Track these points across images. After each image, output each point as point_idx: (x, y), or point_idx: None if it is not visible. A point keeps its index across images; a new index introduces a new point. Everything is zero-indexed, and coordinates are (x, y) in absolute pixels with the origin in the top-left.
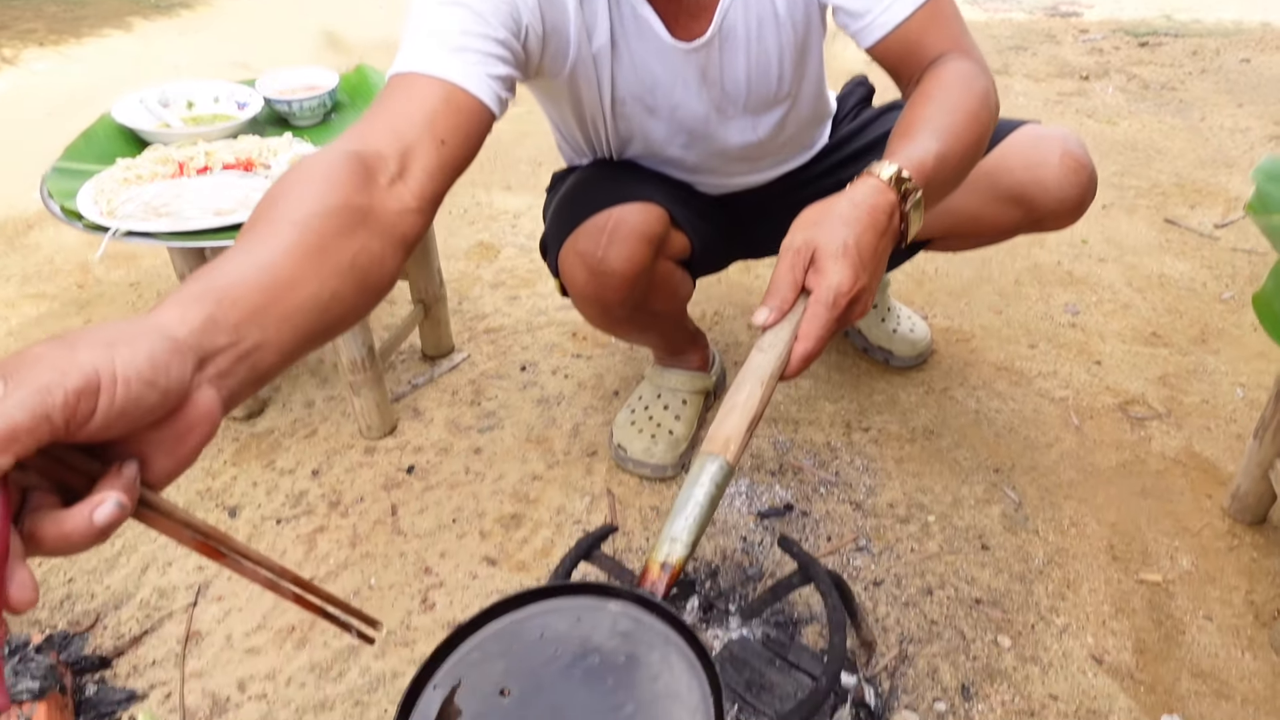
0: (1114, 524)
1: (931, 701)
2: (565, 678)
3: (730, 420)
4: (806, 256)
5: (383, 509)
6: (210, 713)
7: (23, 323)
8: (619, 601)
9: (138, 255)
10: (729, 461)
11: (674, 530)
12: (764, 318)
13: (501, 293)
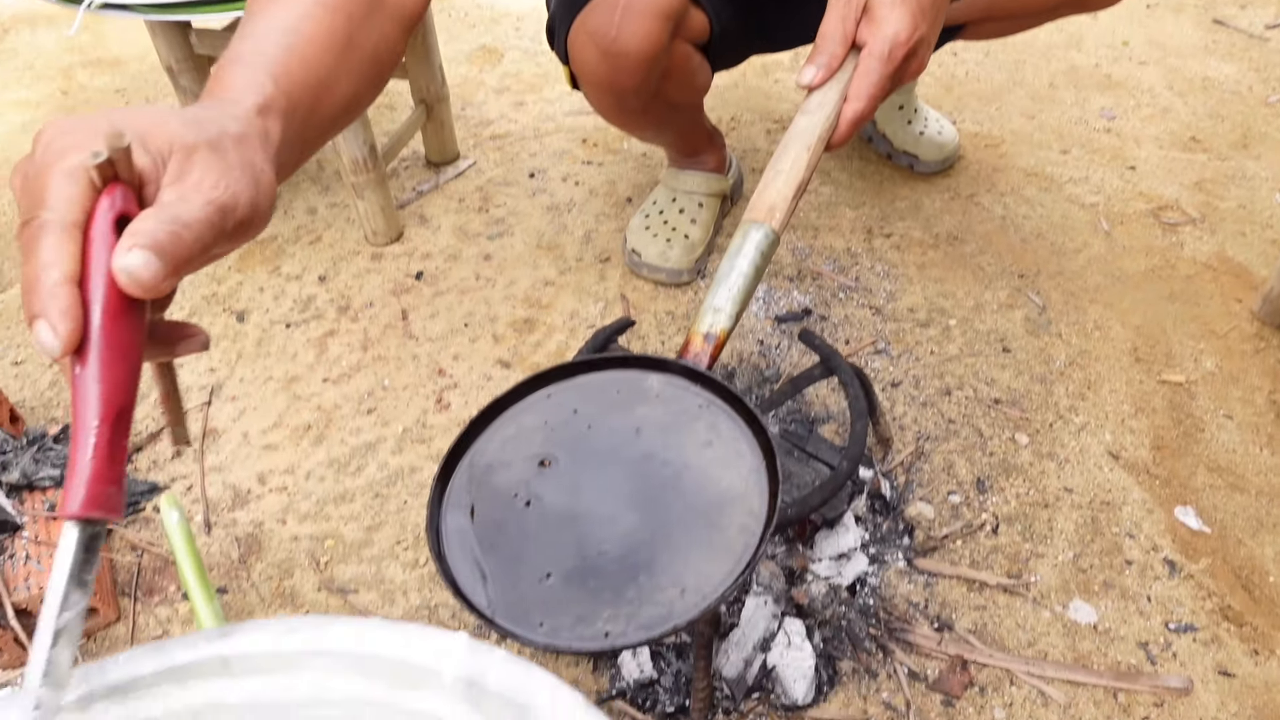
0: (1139, 327)
1: (946, 494)
2: (608, 448)
3: (774, 186)
4: (859, 5)
5: (393, 314)
6: (232, 504)
7: (8, 130)
8: (661, 374)
9: (122, 61)
10: (774, 229)
11: (716, 300)
12: (810, 77)
13: (507, 98)
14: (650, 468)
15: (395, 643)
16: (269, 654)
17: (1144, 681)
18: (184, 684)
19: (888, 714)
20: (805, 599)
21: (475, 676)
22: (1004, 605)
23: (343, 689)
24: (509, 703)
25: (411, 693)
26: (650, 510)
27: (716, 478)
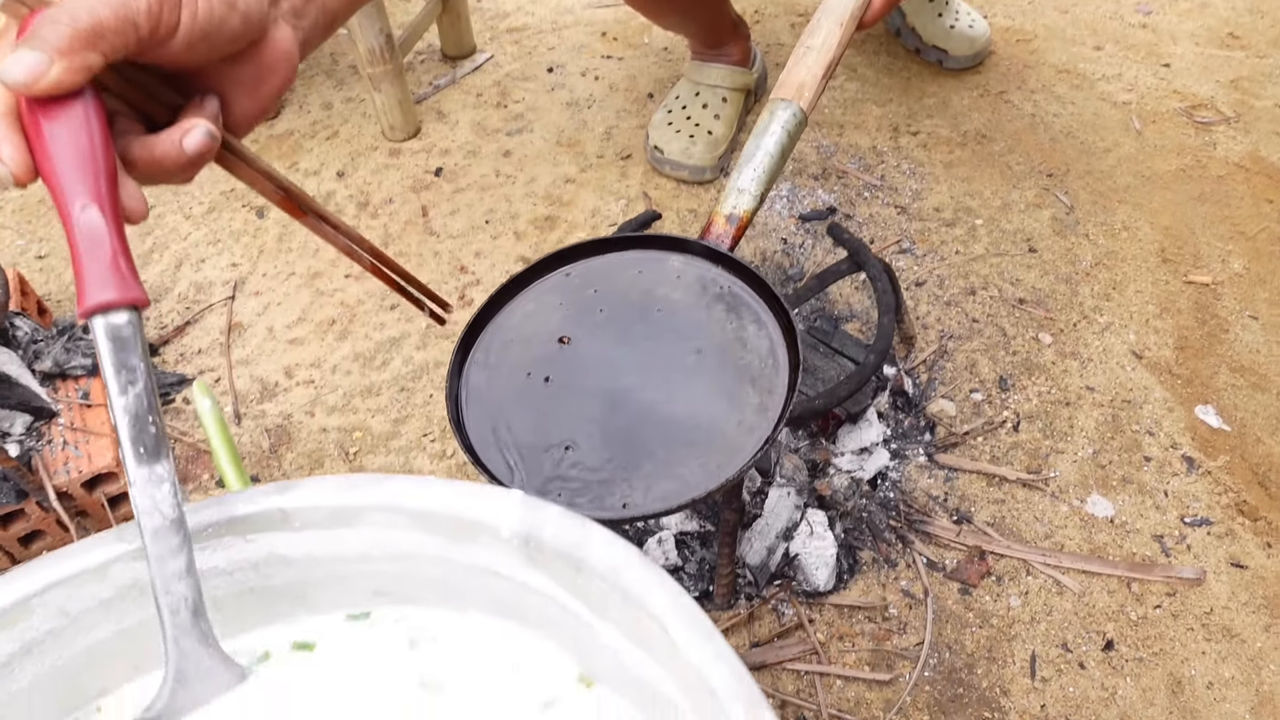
0: (1167, 228)
1: (968, 392)
2: (628, 326)
3: (804, 64)
4: None
5: (413, 210)
6: (261, 396)
7: None
8: (682, 254)
9: None
10: (803, 108)
11: (741, 181)
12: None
13: None
14: (670, 346)
15: (452, 499)
16: (328, 508)
17: (1158, 572)
18: (245, 536)
19: (906, 601)
20: (828, 491)
21: (531, 531)
22: (1022, 499)
23: (399, 544)
24: (564, 556)
25: (467, 547)
26: (669, 388)
27: (736, 357)
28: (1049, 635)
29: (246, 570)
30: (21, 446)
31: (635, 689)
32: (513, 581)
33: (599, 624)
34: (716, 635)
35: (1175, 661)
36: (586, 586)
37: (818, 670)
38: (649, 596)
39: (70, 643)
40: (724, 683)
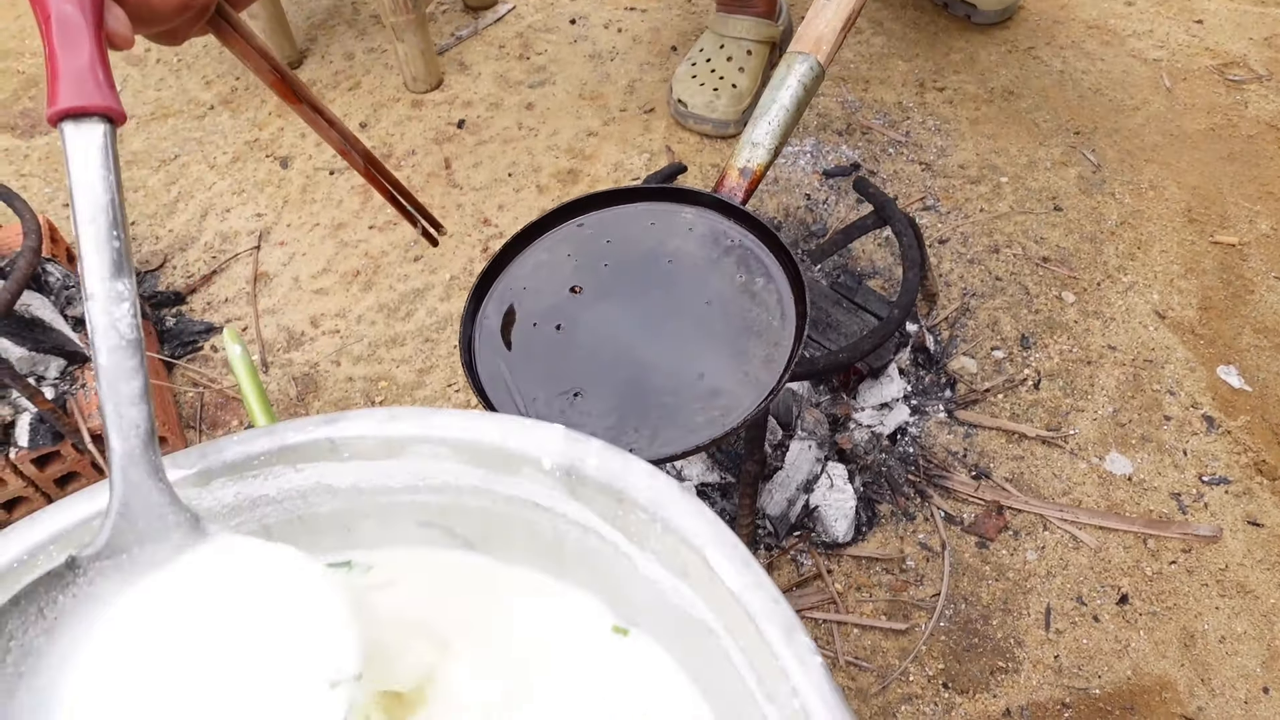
0: (1195, 188)
1: (990, 350)
2: (639, 276)
3: (823, 16)
4: None
5: (436, 162)
6: (287, 345)
7: None
8: (694, 207)
9: None
10: (820, 62)
11: (755, 135)
12: None
13: None
14: (680, 298)
15: (495, 432)
16: (375, 439)
17: (1174, 529)
18: (294, 465)
19: (923, 554)
20: (848, 445)
21: (573, 464)
22: (1041, 456)
23: (443, 474)
24: (605, 488)
25: (510, 478)
26: (678, 339)
27: (744, 310)
28: (1064, 589)
29: (295, 499)
30: (56, 390)
31: (671, 619)
32: (552, 513)
33: (638, 554)
34: (754, 564)
35: (1189, 616)
36: (627, 518)
37: (835, 619)
38: (690, 527)
39: None
40: (763, 607)
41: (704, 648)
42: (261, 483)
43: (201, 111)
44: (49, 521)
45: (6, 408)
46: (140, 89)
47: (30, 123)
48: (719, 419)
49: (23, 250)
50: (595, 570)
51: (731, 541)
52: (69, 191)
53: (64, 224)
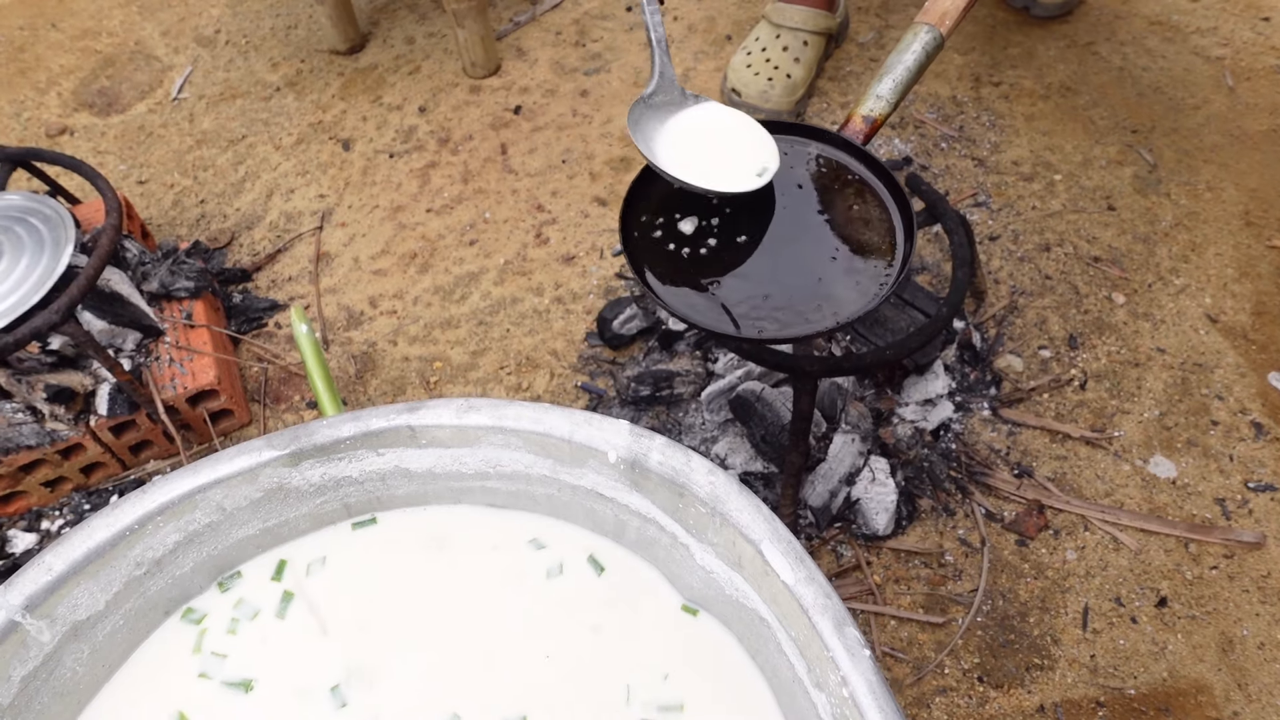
0: (1254, 190)
1: (1036, 349)
2: (771, 198)
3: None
4: None
5: (492, 147)
6: (347, 324)
7: None
8: (821, 143)
9: None
10: (942, 34)
11: (880, 89)
12: None
13: None
14: (806, 217)
15: (564, 425)
16: (451, 428)
17: (1217, 534)
18: (376, 450)
19: (962, 549)
20: (891, 439)
21: (638, 458)
22: (1085, 457)
23: (513, 463)
24: (667, 482)
25: (576, 469)
26: (803, 249)
27: (859, 233)
28: (1103, 589)
29: (375, 481)
30: (133, 362)
31: (727, 607)
32: (615, 503)
33: (695, 545)
34: (808, 559)
35: (1228, 621)
36: (686, 510)
37: (873, 610)
38: (747, 521)
39: (225, 535)
40: (815, 600)
41: (758, 635)
42: (346, 464)
43: (268, 93)
44: (150, 498)
45: (88, 377)
46: (210, 69)
47: (108, 101)
48: (831, 314)
49: (105, 228)
50: (655, 556)
51: (786, 537)
52: None
53: (139, 200)
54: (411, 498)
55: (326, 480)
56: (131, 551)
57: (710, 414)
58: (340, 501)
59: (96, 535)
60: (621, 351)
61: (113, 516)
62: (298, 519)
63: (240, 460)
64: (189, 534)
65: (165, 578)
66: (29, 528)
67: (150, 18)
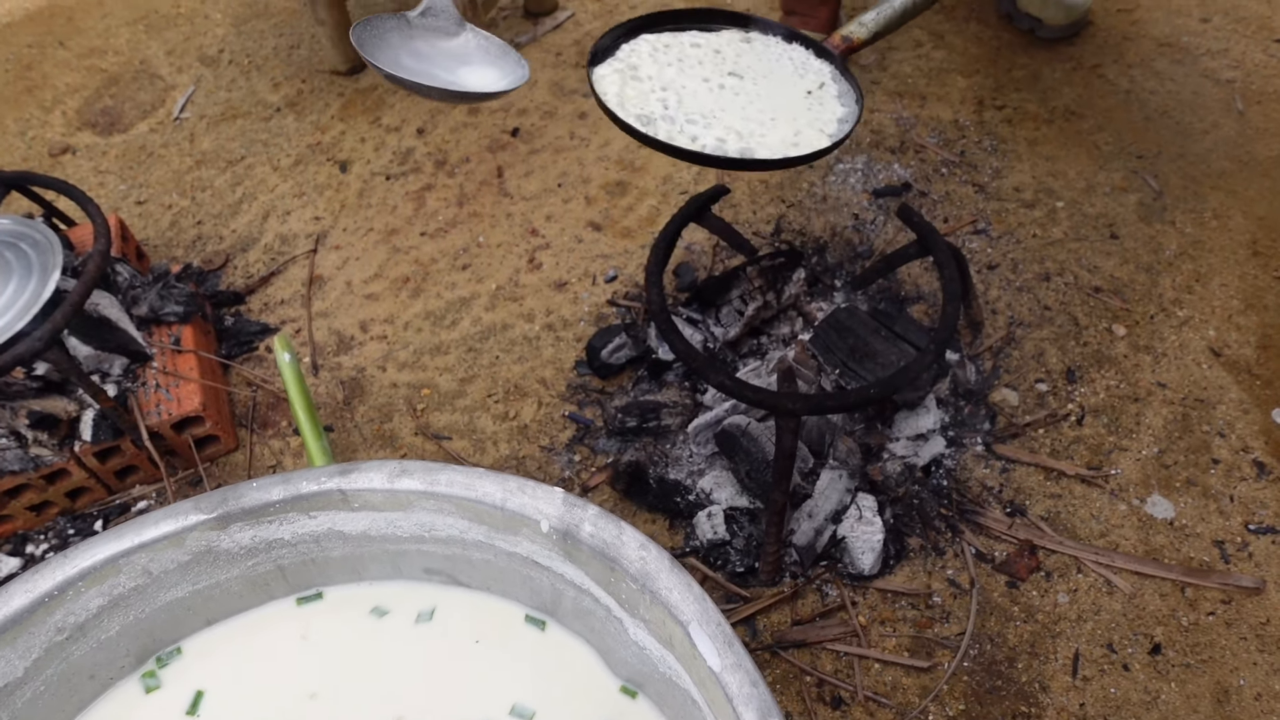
0: (1263, 218)
1: (1033, 382)
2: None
3: None
4: None
5: (488, 170)
6: (337, 349)
7: None
8: (798, 45)
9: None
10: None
11: (865, 18)
12: None
13: None
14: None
15: (497, 492)
16: (383, 492)
17: (1215, 578)
18: (308, 513)
19: (951, 590)
20: (880, 476)
21: (570, 529)
22: (1080, 495)
23: (448, 529)
24: (599, 554)
25: (510, 537)
26: (762, 92)
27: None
28: (1095, 634)
29: (309, 543)
30: (119, 387)
31: (661, 684)
32: (551, 572)
33: (629, 620)
34: (737, 643)
35: (1224, 670)
36: (619, 585)
37: (857, 653)
38: (676, 600)
39: (152, 599)
40: (740, 690)
41: (692, 717)
42: (277, 527)
43: (268, 113)
44: (71, 563)
45: (73, 403)
46: (212, 89)
47: (110, 120)
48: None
49: (93, 253)
50: (591, 629)
51: (715, 620)
52: None
53: (137, 220)
54: (348, 560)
55: (257, 543)
56: (52, 617)
57: (697, 447)
58: (274, 563)
59: (14, 602)
60: (610, 381)
61: (32, 582)
62: (229, 581)
63: (166, 524)
64: (114, 598)
65: (89, 642)
66: (14, 552)
67: (156, 36)
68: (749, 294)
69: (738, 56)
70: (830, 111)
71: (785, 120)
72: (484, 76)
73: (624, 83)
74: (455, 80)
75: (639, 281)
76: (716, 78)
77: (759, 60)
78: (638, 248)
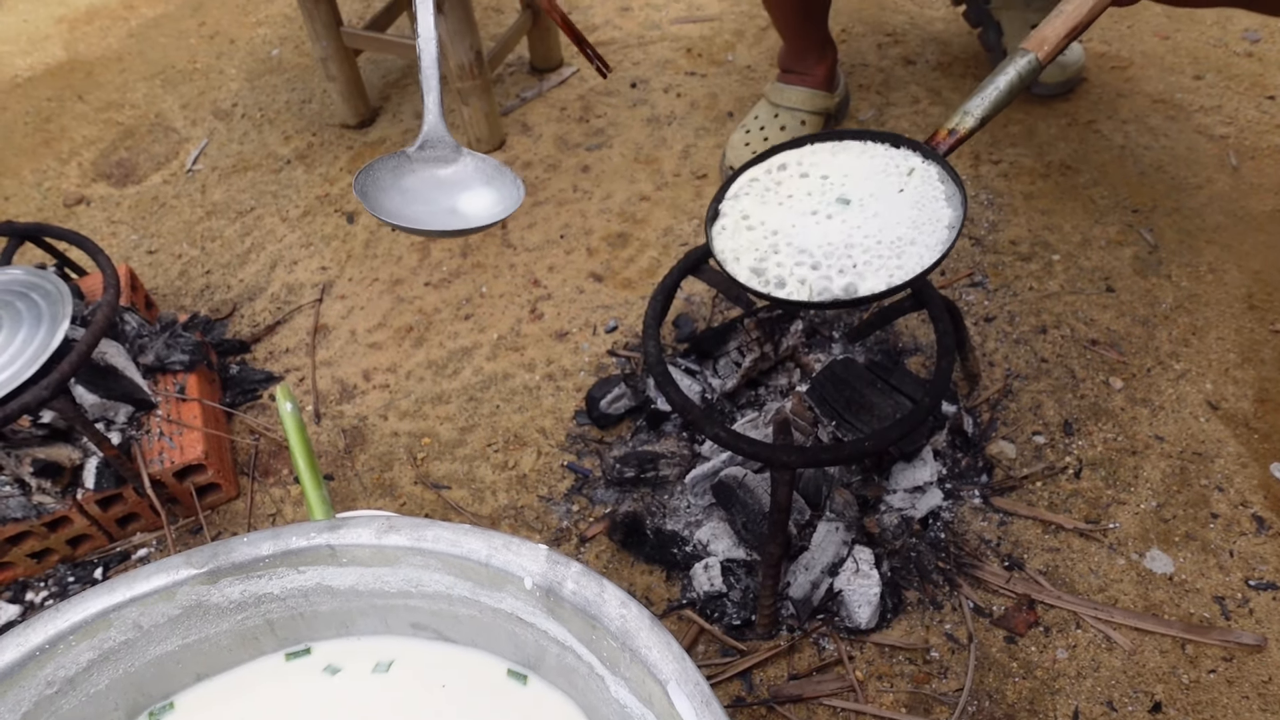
0: (1257, 272)
1: (1030, 434)
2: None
3: (1053, 24)
4: None
5: None
6: (340, 397)
7: (141, 24)
8: (908, 150)
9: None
10: (1039, 59)
11: (969, 105)
12: None
13: (613, 3)
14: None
15: (482, 549)
16: (371, 547)
17: (1215, 635)
18: (297, 568)
19: (949, 645)
20: (876, 528)
21: (552, 586)
22: (1078, 549)
23: (434, 584)
24: (580, 611)
25: (495, 593)
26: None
27: (924, 209)
28: (1094, 692)
29: (297, 597)
30: (123, 435)
31: None
32: (535, 629)
33: (610, 678)
34: (715, 704)
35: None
36: (600, 642)
37: (854, 708)
38: (656, 659)
39: (142, 653)
40: None
41: None
42: (267, 581)
43: (279, 165)
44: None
45: (77, 451)
46: (225, 142)
47: (124, 172)
48: (899, 273)
49: (101, 303)
50: (574, 685)
51: (694, 679)
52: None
53: (147, 270)
54: (336, 615)
55: (247, 597)
56: (42, 671)
57: (695, 497)
58: (263, 617)
59: (5, 656)
60: (609, 430)
61: (24, 636)
62: (219, 635)
63: (157, 579)
64: (104, 652)
65: (79, 695)
66: (14, 599)
67: (172, 90)
68: (746, 345)
69: (844, 178)
70: (933, 217)
71: (890, 240)
72: (483, 199)
73: (736, 235)
74: (456, 209)
75: (639, 332)
76: (824, 209)
77: (866, 177)
78: (638, 298)
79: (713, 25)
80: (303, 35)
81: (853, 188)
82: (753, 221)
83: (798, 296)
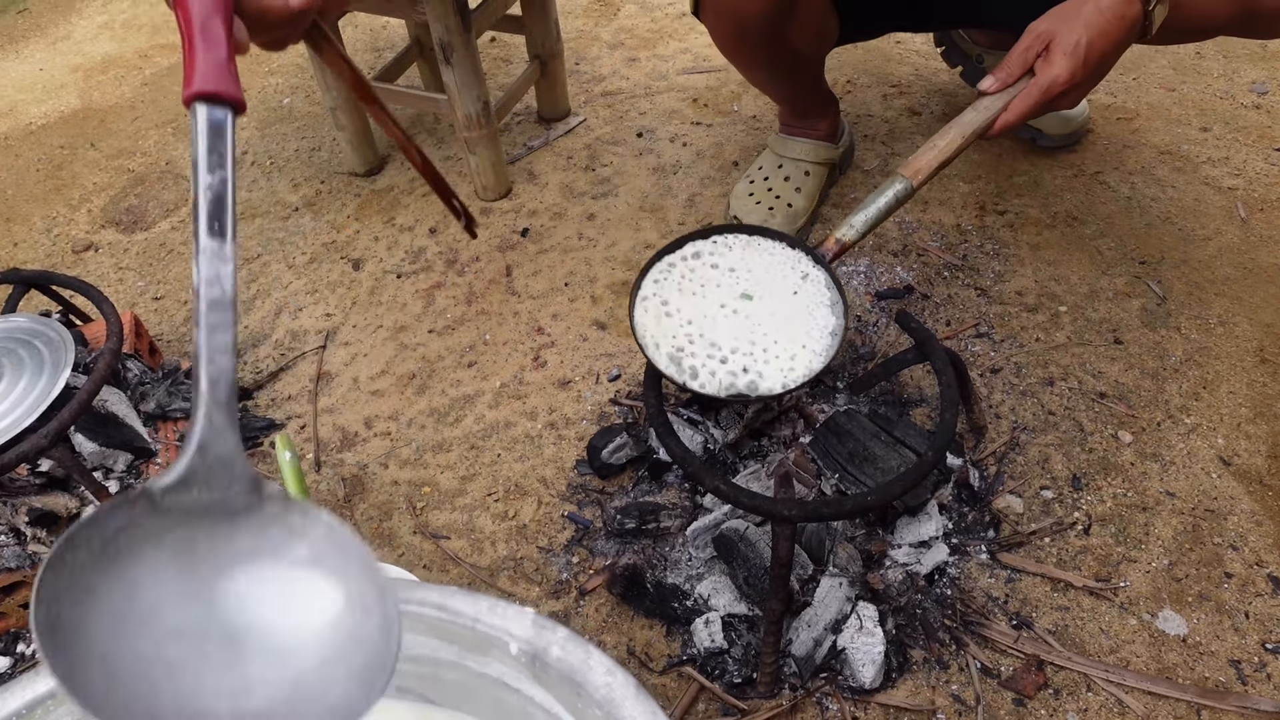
0: (1269, 325)
1: (1038, 489)
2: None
3: (926, 156)
4: (1042, 44)
5: (497, 269)
6: (340, 445)
7: (156, 73)
8: (800, 252)
9: None
10: (913, 185)
11: (853, 219)
12: (989, 84)
13: (620, 54)
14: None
15: (469, 612)
16: None
17: (1231, 700)
18: None
19: (955, 707)
20: (881, 584)
21: (539, 651)
22: (1088, 609)
23: (419, 647)
24: (566, 678)
25: (481, 657)
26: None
27: (808, 311)
28: None
29: None
30: (121, 484)
31: None
32: (520, 694)
33: None
34: None
35: None
36: (585, 710)
37: None
38: None
39: None
40: None
41: None
42: None
43: (286, 212)
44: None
45: (74, 499)
46: None
47: (133, 219)
48: (791, 374)
49: (103, 351)
50: None
51: None
52: (193, 164)
53: (153, 316)
54: None
55: None
56: None
57: (696, 550)
58: None
59: None
60: (611, 480)
61: (1, 701)
62: None
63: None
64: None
65: None
66: (4, 650)
67: (183, 138)
68: None
69: (749, 273)
70: (820, 323)
71: (785, 341)
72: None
73: (658, 320)
74: (241, 644)
75: (642, 380)
76: (731, 302)
77: (766, 274)
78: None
79: (719, 76)
80: (314, 85)
81: (754, 284)
82: (671, 309)
83: (709, 390)
